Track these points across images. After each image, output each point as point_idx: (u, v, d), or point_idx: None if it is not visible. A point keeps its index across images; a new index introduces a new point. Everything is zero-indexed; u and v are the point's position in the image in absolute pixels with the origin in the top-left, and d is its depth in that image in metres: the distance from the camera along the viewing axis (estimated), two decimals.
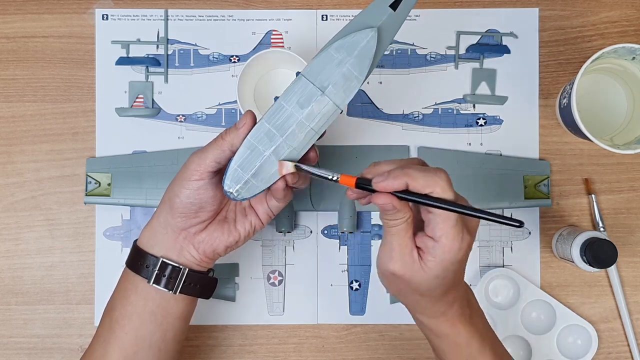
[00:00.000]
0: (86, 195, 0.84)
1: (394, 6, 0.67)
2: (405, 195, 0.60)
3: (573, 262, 0.80)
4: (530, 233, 0.86)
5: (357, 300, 0.86)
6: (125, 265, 0.73)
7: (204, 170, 0.68)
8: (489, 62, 0.87)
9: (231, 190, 0.68)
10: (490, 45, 0.87)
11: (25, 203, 0.86)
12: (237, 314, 0.85)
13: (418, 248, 0.62)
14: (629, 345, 0.85)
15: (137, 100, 0.86)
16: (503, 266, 0.86)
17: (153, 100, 0.86)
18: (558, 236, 0.84)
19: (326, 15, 0.87)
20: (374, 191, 0.61)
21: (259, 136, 0.68)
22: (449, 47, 0.87)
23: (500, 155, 0.86)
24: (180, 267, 0.71)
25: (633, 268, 0.86)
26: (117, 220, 0.86)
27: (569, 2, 0.87)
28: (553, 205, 0.86)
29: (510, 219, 0.59)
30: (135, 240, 0.73)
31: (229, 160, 0.68)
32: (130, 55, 0.86)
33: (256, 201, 0.73)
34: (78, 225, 0.86)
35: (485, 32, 0.87)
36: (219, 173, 0.69)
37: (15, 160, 0.86)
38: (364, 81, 0.68)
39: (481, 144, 0.86)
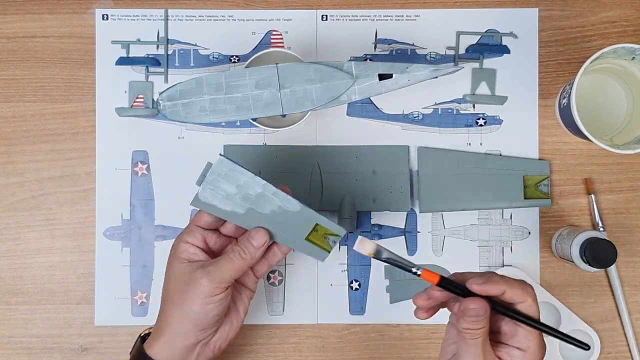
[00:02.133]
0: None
1: (381, 77, 0.75)
2: (496, 306, 0.62)
3: (573, 262, 0.80)
4: (530, 233, 0.86)
5: (357, 300, 0.86)
6: None
7: (225, 284, 0.70)
8: (489, 62, 0.87)
9: None
10: (490, 45, 0.87)
11: (25, 203, 0.86)
12: None
13: (499, 357, 0.63)
14: (628, 345, 0.85)
15: (137, 100, 0.86)
16: (503, 266, 0.86)
17: (153, 100, 0.86)
18: (558, 236, 0.84)
19: (326, 15, 0.87)
20: (458, 293, 0.62)
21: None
22: (449, 47, 0.87)
23: (500, 155, 0.86)
24: None
25: (633, 268, 0.86)
26: (117, 220, 0.86)
27: (568, 2, 0.87)
28: (553, 205, 0.86)
29: (580, 341, 0.63)
30: (142, 339, 0.75)
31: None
32: (130, 55, 0.86)
33: (243, 275, 0.75)
34: (78, 225, 0.86)
35: (485, 32, 0.87)
36: (229, 287, 0.71)
37: (16, 160, 0.86)
38: (317, 109, 0.75)
39: (481, 143, 0.86)
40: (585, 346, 0.63)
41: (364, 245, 0.64)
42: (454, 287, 0.63)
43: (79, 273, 0.86)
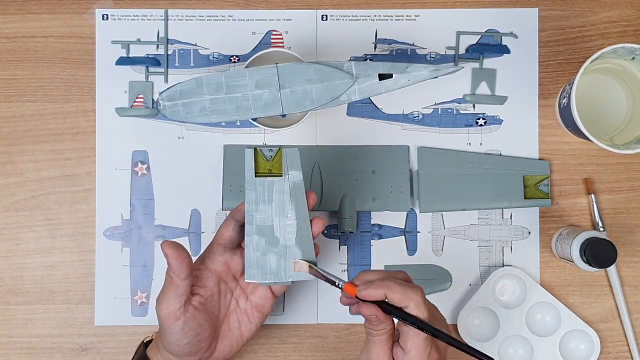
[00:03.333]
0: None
1: (381, 77, 0.75)
2: (388, 307, 0.65)
3: (573, 262, 0.80)
4: (530, 233, 0.86)
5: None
6: None
7: (174, 310, 0.70)
8: (489, 62, 0.87)
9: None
10: (490, 45, 0.87)
11: (25, 203, 0.86)
12: None
13: (392, 357, 0.66)
14: (628, 345, 0.85)
15: (137, 100, 0.86)
16: (503, 266, 0.86)
17: (153, 100, 0.86)
18: (558, 236, 0.84)
19: (326, 15, 0.87)
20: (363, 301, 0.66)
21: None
22: (449, 47, 0.87)
23: (500, 155, 0.86)
24: None
25: (633, 268, 0.86)
26: (117, 220, 0.86)
27: (568, 2, 0.87)
28: (553, 205, 0.86)
29: (483, 354, 0.64)
30: (145, 346, 0.76)
31: (188, 289, 0.70)
32: (130, 55, 0.86)
33: (259, 297, 0.75)
34: (78, 225, 0.86)
35: (485, 32, 0.87)
36: (187, 304, 0.70)
37: (16, 160, 0.86)
38: (317, 109, 0.74)
39: (481, 143, 0.86)
40: (487, 359, 0.64)
41: (300, 267, 0.72)
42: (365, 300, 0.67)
43: (79, 273, 0.86)
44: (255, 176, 0.72)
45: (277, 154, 0.73)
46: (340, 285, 0.68)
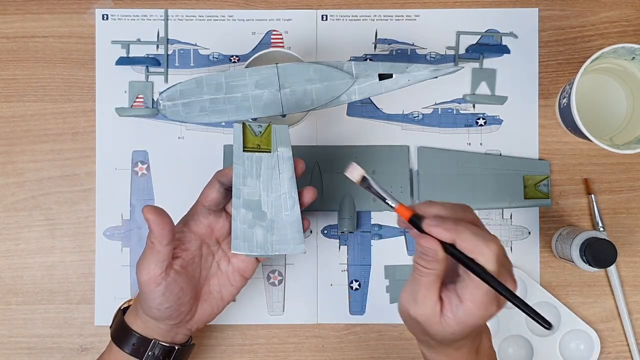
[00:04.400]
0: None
1: (381, 77, 0.75)
2: (452, 250, 0.59)
3: (573, 262, 0.80)
4: (530, 233, 0.86)
5: (357, 300, 0.86)
6: (112, 341, 0.74)
7: (155, 276, 0.69)
8: (489, 62, 0.87)
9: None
10: (490, 45, 0.87)
11: (25, 203, 0.86)
12: (237, 314, 0.85)
13: (442, 299, 0.61)
14: (628, 345, 0.85)
15: (137, 100, 0.86)
16: None
17: (153, 100, 0.86)
18: (558, 236, 0.84)
19: (326, 15, 0.87)
20: (421, 230, 0.60)
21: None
22: (449, 47, 0.87)
23: (500, 155, 0.86)
24: (174, 347, 0.73)
25: (632, 268, 0.86)
26: (117, 220, 0.86)
27: (568, 2, 0.87)
28: (553, 205, 0.86)
29: (542, 317, 0.58)
30: (123, 312, 0.75)
31: (170, 255, 0.70)
32: (130, 55, 0.86)
33: (242, 261, 0.74)
34: (78, 225, 0.86)
35: (485, 32, 0.87)
36: (169, 268, 0.70)
37: (16, 160, 0.86)
38: (317, 109, 0.74)
39: (481, 143, 0.86)
40: (545, 324, 0.58)
41: (353, 173, 0.65)
42: (419, 226, 0.61)
43: (79, 273, 0.86)
44: (244, 151, 0.71)
45: (266, 129, 0.72)
46: (392, 205, 0.62)
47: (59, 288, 0.85)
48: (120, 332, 0.73)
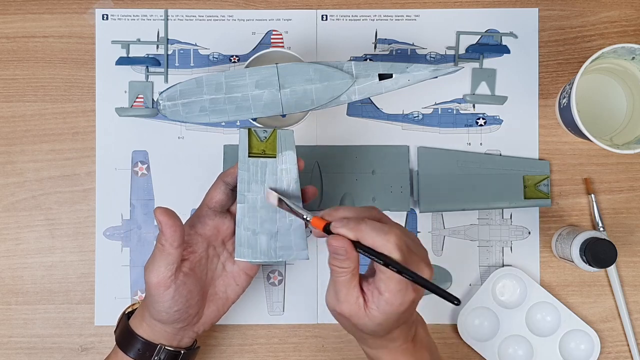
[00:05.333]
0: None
1: (381, 77, 0.75)
2: (360, 246, 0.62)
3: (573, 261, 0.80)
4: (530, 233, 0.86)
5: None
6: (117, 345, 0.73)
7: (165, 278, 0.69)
8: (489, 62, 0.87)
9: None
10: (490, 45, 0.87)
11: (25, 203, 0.86)
12: (237, 314, 0.85)
13: (364, 293, 0.64)
14: (628, 345, 0.85)
15: (137, 100, 0.87)
16: (503, 266, 0.86)
17: (153, 100, 0.86)
18: (558, 236, 0.84)
19: (326, 15, 0.87)
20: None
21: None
22: (449, 47, 0.87)
23: (500, 155, 0.86)
24: (180, 351, 0.73)
25: (632, 268, 0.86)
26: (117, 220, 0.86)
27: (568, 2, 0.87)
28: (553, 205, 0.86)
29: (449, 294, 0.60)
30: (128, 316, 0.75)
31: (180, 257, 0.69)
32: (130, 55, 0.86)
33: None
34: (78, 225, 0.86)
35: (485, 32, 0.87)
36: (178, 271, 0.70)
37: (16, 160, 0.86)
38: (317, 109, 0.75)
39: (481, 143, 0.86)
40: (455, 300, 0.59)
41: (270, 198, 0.71)
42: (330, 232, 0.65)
43: (79, 273, 0.86)
44: (249, 156, 0.72)
45: (271, 135, 0.72)
46: (307, 218, 0.67)
47: (59, 288, 0.85)
48: (125, 337, 0.73)
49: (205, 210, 0.74)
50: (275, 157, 0.72)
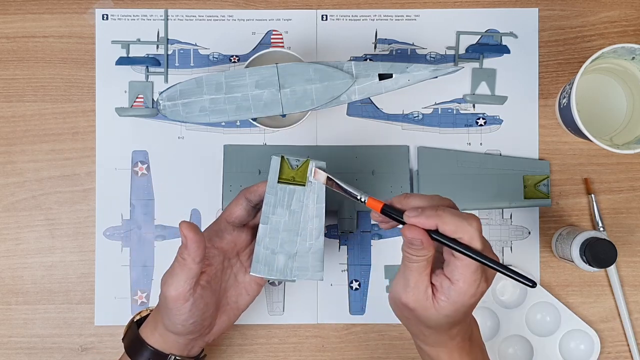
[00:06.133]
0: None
1: (381, 77, 0.75)
2: (437, 235, 0.61)
3: (573, 261, 0.80)
4: (530, 233, 0.86)
5: (357, 299, 0.86)
6: (126, 353, 0.74)
7: (184, 292, 0.69)
8: (489, 62, 0.87)
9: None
10: (490, 45, 0.87)
11: (25, 203, 0.86)
12: None
13: (432, 285, 0.63)
14: (628, 345, 0.85)
15: (137, 100, 0.87)
16: None
17: (153, 100, 0.86)
18: (558, 236, 0.84)
19: (326, 15, 0.87)
20: (400, 222, 0.63)
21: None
22: (449, 47, 0.87)
23: (500, 155, 0.86)
24: None
25: (633, 268, 0.86)
26: (117, 220, 0.86)
27: (568, 2, 0.87)
28: (553, 205, 0.86)
29: (526, 277, 0.61)
30: (137, 324, 0.75)
31: (199, 272, 0.70)
32: (130, 55, 0.86)
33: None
34: (78, 225, 0.86)
35: (485, 32, 0.87)
36: (196, 285, 0.70)
37: (15, 160, 0.86)
38: (317, 109, 0.75)
39: (481, 143, 0.86)
40: (530, 283, 0.60)
41: (318, 176, 0.71)
42: (396, 216, 0.64)
43: (79, 273, 0.86)
44: (278, 182, 0.72)
45: (303, 164, 0.72)
46: (362, 199, 0.66)
47: (59, 288, 0.85)
48: (135, 346, 0.73)
49: (224, 225, 0.74)
50: (304, 185, 0.72)
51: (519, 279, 0.61)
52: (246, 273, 0.75)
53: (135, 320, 0.76)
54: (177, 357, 0.72)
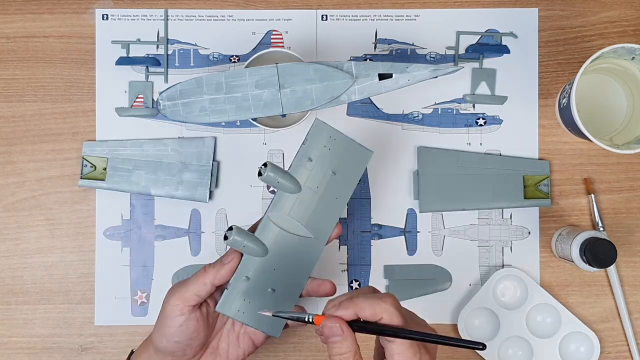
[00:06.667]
0: (81, 178, 0.84)
1: (380, 77, 0.75)
2: (362, 326, 0.60)
3: (573, 261, 0.80)
4: (530, 233, 0.86)
5: None
6: None
7: (185, 305, 0.69)
8: (489, 62, 0.87)
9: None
10: (490, 45, 0.87)
11: (25, 203, 0.86)
12: None
13: None
14: (628, 345, 0.85)
15: (137, 100, 0.87)
16: (503, 266, 0.86)
17: (153, 100, 0.86)
18: (558, 236, 0.84)
19: (326, 15, 0.87)
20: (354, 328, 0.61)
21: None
22: (449, 47, 0.87)
23: (500, 155, 0.86)
24: None
25: (632, 268, 0.86)
26: (117, 220, 0.86)
27: (568, 2, 0.87)
28: (553, 205, 0.86)
29: (472, 342, 0.59)
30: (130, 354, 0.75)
31: (207, 295, 0.70)
32: (130, 55, 0.86)
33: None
34: (78, 225, 0.86)
35: (485, 32, 0.87)
36: (196, 307, 0.70)
37: (15, 160, 0.86)
38: (317, 109, 0.75)
39: (481, 143, 0.86)
40: (479, 345, 0.59)
41: (266, 314, 0.67)
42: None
43: (79, 273, 0.86)
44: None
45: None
46: (310, 320, 0.63)
47: (59, 288, 0.85)
48: None
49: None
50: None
51: (465, 344, 0.60)
52: (243, 325, 0.74)
53: (134, 351, 0.77)
54: None
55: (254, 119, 0.79)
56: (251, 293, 0.71)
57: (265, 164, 0.69)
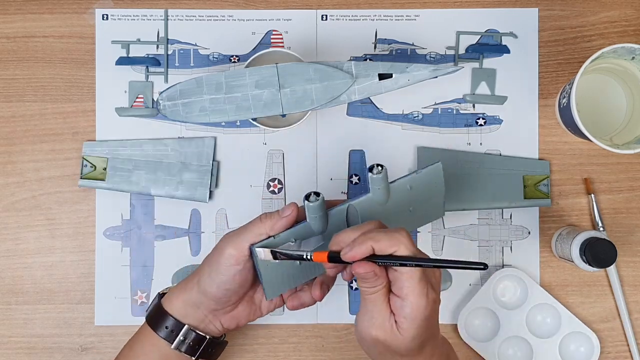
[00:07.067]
0: (81, 178, 0.85)
1: (380, 77, 0.75)
2: (376, 259, 0.62)
3: (572, 261, 0.80)
4: (530, 233, 0.86)
5: (357, 299, 0.86)
6: (146, 322, 0.74)
7: (240, 255, 0.70)
8: (489, 62, 0.87)
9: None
10: (490, 45, 0.87)
11: (25, 203, 0.86)
12: None
13: (392, 312, 0.63)
14: (628, 345, 0.85)
15: (137, 100, 0.87)
16: (503, 266, 0.86)
17: (153, 100, 0.86)
18: (557, 236, 0.84)
19: (326, 15, 0.87)
20: (346, 263, 0.63)
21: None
22: (449, 47, 0.87)
23: (500, 155, 0.86)
24: (205, 336, 0.73)
25: (632, 268, 0.86)
26: (117, 220, 0.86)
27: (568, 2, 0.87)
28: (553, 205, 0.86)
29: (474, 262, 0.60)
30: (160, 296, 0.75)
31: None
32: (130, 55, 0.86)
33: None
34: (78, 225, 0.86)
35: (485, 32, 0.87)
36: (249, 258, 0.70)
37: (15, 160, 0.86)
38: (317, 109, 0.75)
39: (481, 143, 0.86)
40: (480, 265, 0.60)
41: (262, 254, 0.69)
42: (341, 261, 0.64)
43: (79, 273, 0.86)
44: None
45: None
46: (308, 257, 0.66)
47: (59, 288, 0.86)
48: (156, 315, 0.74)
49: None
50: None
51: (467, 266, 0.60)
52: None
53: (160, 293, 0.76)
54: (192, 329, 0.72)
55: (254, 119, 0.79)
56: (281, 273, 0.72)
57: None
